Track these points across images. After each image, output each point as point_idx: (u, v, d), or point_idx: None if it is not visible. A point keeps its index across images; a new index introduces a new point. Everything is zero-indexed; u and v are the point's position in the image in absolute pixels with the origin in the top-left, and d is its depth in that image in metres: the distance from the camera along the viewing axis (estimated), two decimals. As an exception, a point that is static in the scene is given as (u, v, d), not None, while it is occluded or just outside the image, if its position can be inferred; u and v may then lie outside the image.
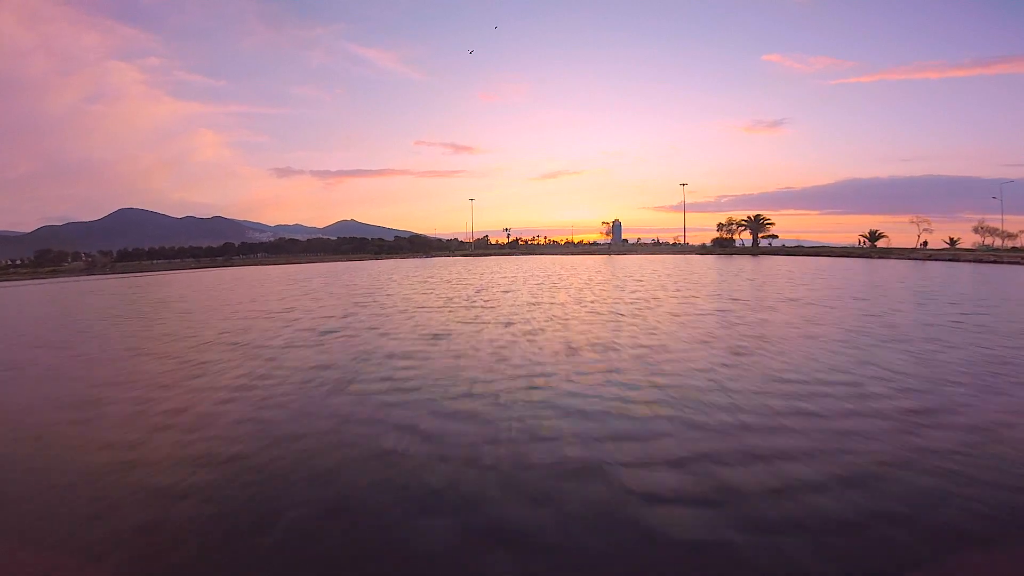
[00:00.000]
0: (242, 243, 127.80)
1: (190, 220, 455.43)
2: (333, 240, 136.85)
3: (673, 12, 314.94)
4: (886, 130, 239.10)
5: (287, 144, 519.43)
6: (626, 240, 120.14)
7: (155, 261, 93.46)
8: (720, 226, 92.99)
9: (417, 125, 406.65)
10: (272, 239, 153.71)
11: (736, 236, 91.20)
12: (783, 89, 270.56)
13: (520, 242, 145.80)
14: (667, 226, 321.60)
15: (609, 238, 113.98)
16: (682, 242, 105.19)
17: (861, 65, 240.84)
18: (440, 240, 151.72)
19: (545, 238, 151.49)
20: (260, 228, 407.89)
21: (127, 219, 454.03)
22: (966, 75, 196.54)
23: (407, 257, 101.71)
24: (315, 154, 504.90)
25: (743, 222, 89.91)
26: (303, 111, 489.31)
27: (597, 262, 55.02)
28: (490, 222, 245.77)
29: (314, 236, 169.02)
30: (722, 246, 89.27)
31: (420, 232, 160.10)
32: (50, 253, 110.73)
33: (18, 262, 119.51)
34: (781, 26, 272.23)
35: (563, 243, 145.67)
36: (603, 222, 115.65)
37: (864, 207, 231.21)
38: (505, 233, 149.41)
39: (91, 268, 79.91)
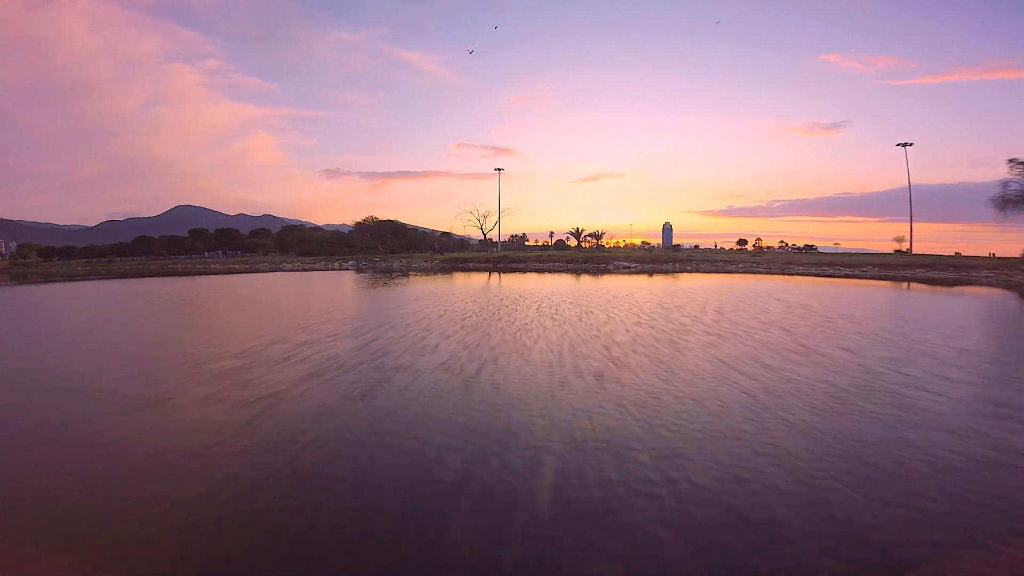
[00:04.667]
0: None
1: (242, 217, 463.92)
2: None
3: (719, 10, 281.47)
4: (953, 133, 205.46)
5: (335, 147, 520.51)
6: (679, 245, 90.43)
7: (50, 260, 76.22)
8: None
9: (457, 127, 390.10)
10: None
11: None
12: (842, 90, 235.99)
13: (585, 244, 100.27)
14: (716, 231, 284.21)
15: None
16: (906, 249, 65.52)
17: (926, 65, 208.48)
18: (436, 233, 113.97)
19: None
20: (311, 227, 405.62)
21: (183, 215, 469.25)
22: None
23: (315, 267, 59.32)
24: (362, 156, 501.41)
25: None
26: (350, 114, 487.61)
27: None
28: (531, 226, 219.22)
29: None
30: None
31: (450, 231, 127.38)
32: (28, 247, 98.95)
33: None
34: (839, 25, 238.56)
35: (622, 246, 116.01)
36: None
37: (932, 215, 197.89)
38: (549, 235, 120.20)
39: None
